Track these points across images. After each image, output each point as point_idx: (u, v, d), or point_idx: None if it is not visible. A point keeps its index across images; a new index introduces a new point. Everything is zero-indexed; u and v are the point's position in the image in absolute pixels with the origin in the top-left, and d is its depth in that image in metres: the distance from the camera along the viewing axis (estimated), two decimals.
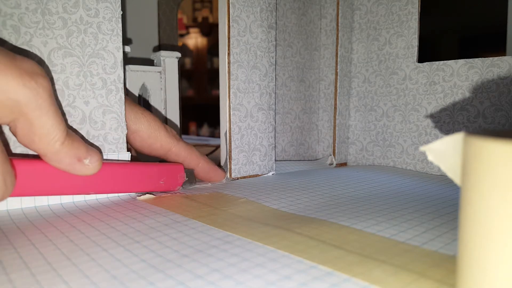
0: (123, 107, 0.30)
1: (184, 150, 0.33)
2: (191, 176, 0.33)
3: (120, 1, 0.29)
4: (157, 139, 0.32)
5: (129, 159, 0.30)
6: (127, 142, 0.31)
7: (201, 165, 0.34)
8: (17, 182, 0.23)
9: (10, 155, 0.25)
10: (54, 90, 0.27)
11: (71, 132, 0.24)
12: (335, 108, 0.47)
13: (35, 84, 0.21)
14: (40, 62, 0.26)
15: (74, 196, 0.28)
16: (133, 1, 0.58)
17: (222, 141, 0.37)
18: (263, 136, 0.39)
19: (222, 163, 0.38)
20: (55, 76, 0.27)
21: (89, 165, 0.24)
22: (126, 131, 0.30)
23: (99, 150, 0.28)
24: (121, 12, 0.29)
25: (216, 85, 0.55)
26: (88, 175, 0.25)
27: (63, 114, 0.27)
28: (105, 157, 0.29)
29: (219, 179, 0.36)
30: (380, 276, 0.16)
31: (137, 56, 0.57)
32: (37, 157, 0.24)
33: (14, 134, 0.22)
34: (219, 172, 0.35)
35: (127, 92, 0.38)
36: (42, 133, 0.22)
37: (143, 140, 0.32)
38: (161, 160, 0.34)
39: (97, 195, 0.29)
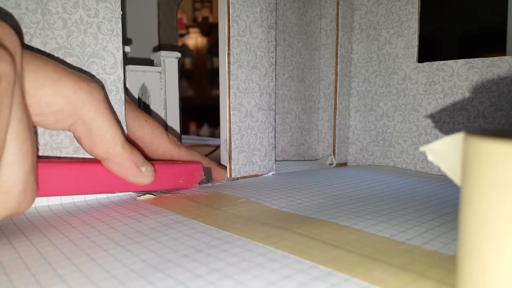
0: (123, 107, 0.30)
1: (185, 156, 0.34)
2: (209, 174, 0.34)
3: (120, 1, 0.29)
4: (159, 146, 0.33)
5: None
6: None
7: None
8: (46, 182, 0.23)
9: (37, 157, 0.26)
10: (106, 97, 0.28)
11: (129, 142, 0.25)
12: (335, 108, 0.47)
13: (88, 88, 0.22)
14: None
15: (74, 196, 0.28)
16: (133, 1, 0.58)
17: (222, 149, 0.37)
18: (263, 136, 0.39)
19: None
20: None
21: (145, 174, 0.26)
22: (126, 132, 0.30)
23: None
24: (121, 12, 0.29)
25: (216, 85, 0.55)
26: (143, 184, 0.26)
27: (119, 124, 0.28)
28: None
29: (222, 178, 0.36)
30: (380, 276, 0.16)
31: (137, 56, 0.57)
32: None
33: (79, 141, 0.24)
34: (222, 172, 0.36)
35: (127, 93, 0.38)
36: (101, 134, 0.23)
37: (146, 147, 0.32)
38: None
39: (97, 195, 0.29)
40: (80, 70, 0.28)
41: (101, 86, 0.24)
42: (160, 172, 0.29)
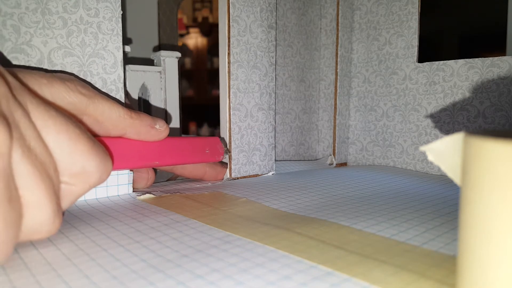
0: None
1: None
2: (226, 144, 0.36)
3: (120, 1, 0.29)
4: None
5: None
6: None
7: (208, 171, 0.36)
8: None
9: None
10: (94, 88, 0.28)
11: (134, 110, 0.27)
12: (335, 108, 0.47)
13: (74, 87, 0.23)
14: (40, 60, 0.26)
15: None
16: (133, 1, 0.58)
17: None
18: (263, 136, 0.39)
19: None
20: None
21: (161, 129, 0.28)
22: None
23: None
24: (121, 12, 0.29)
25: (216, 85, 0.55)
26: (161, 139, 0.29)
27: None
28: None
29: (223, 175, 0.37)
30: (380, 276, 0.16)
31: (137, 56, 0.57)
32: None
33: (93, 133, 0.25)
34: (223, 171, 0.37)
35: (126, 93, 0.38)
36: (107, 117, 0.25)
37: None
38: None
39: (97, 194, 0.29)
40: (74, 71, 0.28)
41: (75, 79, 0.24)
42: (187, 145, 0.32)
